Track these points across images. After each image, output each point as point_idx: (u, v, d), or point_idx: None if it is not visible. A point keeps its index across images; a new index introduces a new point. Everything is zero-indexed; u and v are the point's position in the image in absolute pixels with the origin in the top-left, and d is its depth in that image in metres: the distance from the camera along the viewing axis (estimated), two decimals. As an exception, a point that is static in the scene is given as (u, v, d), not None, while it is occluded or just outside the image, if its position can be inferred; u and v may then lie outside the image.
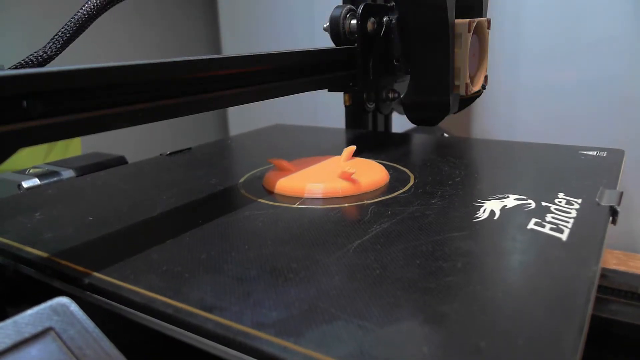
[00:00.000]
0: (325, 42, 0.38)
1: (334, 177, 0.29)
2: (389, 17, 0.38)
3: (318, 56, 0.34)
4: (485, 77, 0.39)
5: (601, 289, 0.36)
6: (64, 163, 0.37)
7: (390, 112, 0.54)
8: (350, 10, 0.37)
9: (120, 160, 0.38)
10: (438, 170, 0.32)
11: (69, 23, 0.26)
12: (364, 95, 0.49)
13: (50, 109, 0.18)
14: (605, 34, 0.57)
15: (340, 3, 0.47)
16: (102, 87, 0.20)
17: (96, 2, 0.26)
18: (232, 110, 1.00)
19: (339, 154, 0.33)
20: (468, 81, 0.36)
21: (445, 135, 0.59)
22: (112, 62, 0.20)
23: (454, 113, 0.39)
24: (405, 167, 0.33)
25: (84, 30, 0.27)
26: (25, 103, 0.17)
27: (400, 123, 0.51)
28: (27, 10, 0.72)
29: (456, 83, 0.36)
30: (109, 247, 0.23)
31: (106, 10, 0.27)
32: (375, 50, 0.38)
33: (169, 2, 0.96)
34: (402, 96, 0.40)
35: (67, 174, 0.35)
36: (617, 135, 0.59)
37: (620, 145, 0.60)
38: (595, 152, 0.34)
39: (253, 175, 0.33)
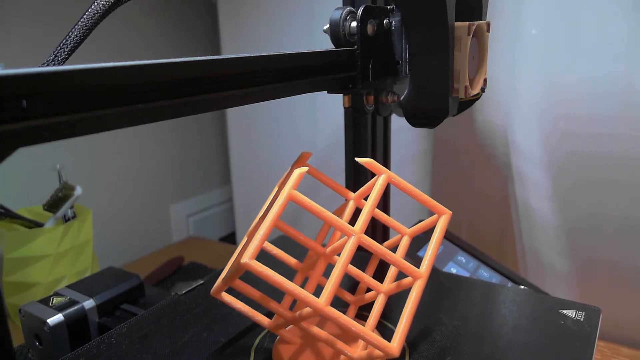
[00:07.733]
0: (325, 43, 0.38)
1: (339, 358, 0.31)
2: (389, 19, 0.38)
3: (317, 58, 0.34)
4: (485, 80, 0.39)
5: None
6: (84, 288, 0.43)
7: (390, 114, 0.54)
8: (350, 12, 0.37)
9: (136, 282, 0.45)
10: (430, 342, 0.34)
11: (68, 36, 0.26)
12: (363, 97, 0.49)
13: (50, 109, 0.18)
14: (606, 35, 0.57)
15: (341, 5, 0.47)
16: (102, 87, 0.20)
17: (96, 10, 0.26)
18: (231, 111, 1.00)
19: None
20: (467, 84, 0.36)
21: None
22: (112, 62, 0.20)
23: (453, 115, 0.39)
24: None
25: (84, 40, 0.27)
26: (25, 103, 0.17)
27: (399, 124, 0.51)
28: (25, 16, 0.72)
29: (455, 86, 0.37)
30: None
31: (105, 17, 0.27)
32: (375, 53, 0.38)
33: (168, 3, 0.96)
34: (401, 98, 0.40)
35: (89, 304, 0.41)
36: (617, 134, 0.59)
37: (620, 149, 0.60)
38: (574, 314, 0.36)
39: (264, 338, 0.35)
